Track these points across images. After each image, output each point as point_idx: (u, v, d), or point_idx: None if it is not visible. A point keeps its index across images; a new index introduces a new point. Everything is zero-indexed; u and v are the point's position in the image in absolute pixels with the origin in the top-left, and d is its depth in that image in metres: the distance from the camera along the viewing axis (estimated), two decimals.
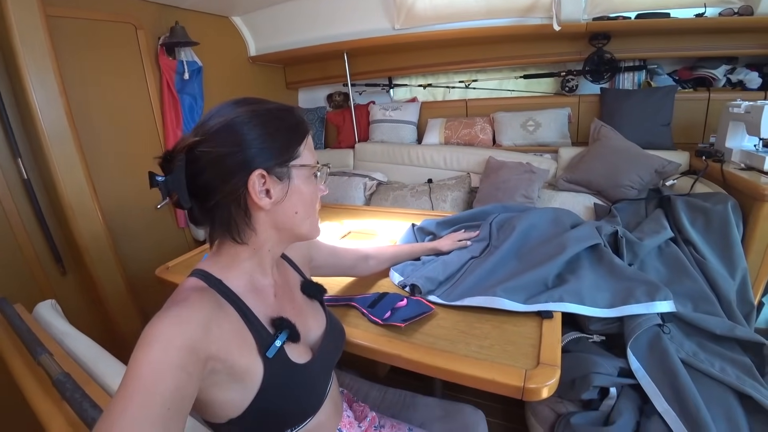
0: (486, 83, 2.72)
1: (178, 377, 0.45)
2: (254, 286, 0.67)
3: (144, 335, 0.47)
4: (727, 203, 1.36)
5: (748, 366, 1.01)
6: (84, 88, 1.67)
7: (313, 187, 0.67)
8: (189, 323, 0.50)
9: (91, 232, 1.58)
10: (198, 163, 0.58)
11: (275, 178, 0.61)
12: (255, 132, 0.59)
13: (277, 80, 3.08)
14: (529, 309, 0.89)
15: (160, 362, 0.45)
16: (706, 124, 2.07)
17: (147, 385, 0.43)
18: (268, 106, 0.63)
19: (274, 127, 0.61)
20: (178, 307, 0.52)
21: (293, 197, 0.64)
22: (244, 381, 0.58)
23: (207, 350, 0.51)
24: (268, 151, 0.60)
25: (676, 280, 1.23)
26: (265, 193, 0.61)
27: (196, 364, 0.48)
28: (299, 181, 0.64)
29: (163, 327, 0.48)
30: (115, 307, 1.70)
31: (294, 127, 0.64)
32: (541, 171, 2.05)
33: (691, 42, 2.04)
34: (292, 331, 0.65)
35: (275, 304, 0.69)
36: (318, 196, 0.69)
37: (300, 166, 0.64)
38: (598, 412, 1.00)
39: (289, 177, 0.63)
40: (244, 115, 0.60)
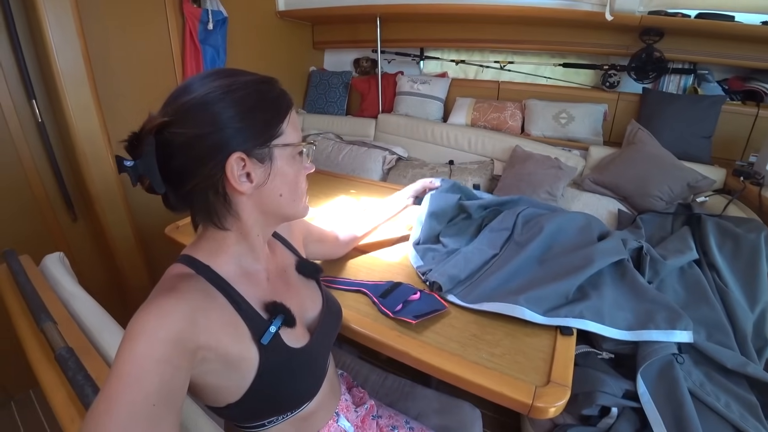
0: (522, 66, 2.58)
1: (164, 371, 0.44)
2: (245, 271, 0.64)
3: (129, 328, 0.46)
4: (761, 233, 1.31)
5: (754, 405, 0.99)
6: (103, 31, 1.60)
7: (298, 167, 0.63)
8: (173, 315, 0.48)
9: (103, 180, 1.56)
10: (169, 147, 0.52)
11: (255, 161, 0.56)
12: (231, 110, 0.53)
13: (303, 38, 2.96)
14: (549, 322, 0.87)
15: (144, 358, 0.44)
16: (749, 142, 1.96)
17: (131, 382, 0.42)
18: (244, 78, 0.56)
19: (252, 102, 0.55)
20: (163, 298, 0.50)
21: (276, 179, 0.59)
22: (239, 368, 0.57)
23: (195, 341, 0.49)
24: (246, 131, 0.55)
25: (693, 305, 1.19)
26: (245, 177, 0.56)
27: (183, 355, 0.47)
28: (282, 162, 0.59)
29: (147, 320, 0.47)
30: (124, 259, 1.71)
31: (275, 101, 0.58)
32: (569, 168, 1.98)
33: (751, 51, 1.90)
34: (287, 315, 0.63)
35: (268, 288, 0.67)
36: (304, 175, 0.65)
37: (283, 146, 0.59)
38: (596, 428, 1.00)
39: (271, 158, 0.58)
40: (218, 90, 0.53)
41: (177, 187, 0.56)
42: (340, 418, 0.81)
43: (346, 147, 2.54)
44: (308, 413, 0.72)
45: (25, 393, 1.62)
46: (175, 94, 0.55)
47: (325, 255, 1.05)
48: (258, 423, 0.66)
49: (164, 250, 1.64)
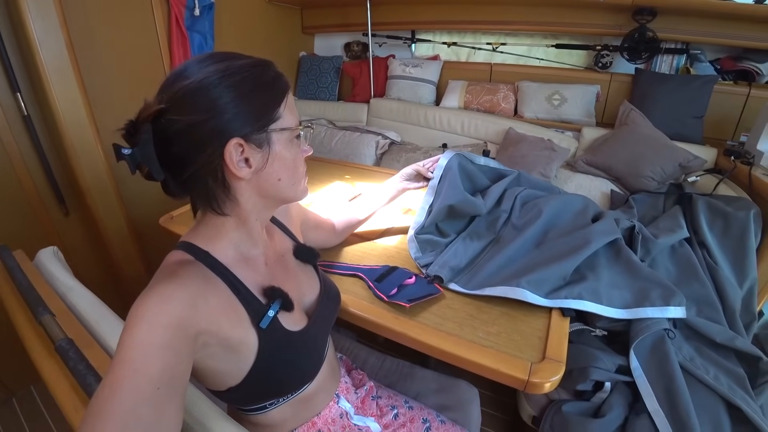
0: (514, 48, 2.56)
1: (166, 357, 0.45)
2: (243, 256, 0.64)
3: (131, 315, 0.47)
4: (750, 211, 1.33)
5: (742, 377, 1.02)
6: (86, 19, 1.55)
7: (296, 151, 0.62)
8: (174, 300, 0.49)
9: (94, 172, 1.53)
10: (166, 134, 0.52)
11: (254, 146, 0.56)
12: (228, 94, 0.53)
13: (293, 23, 2.90)
14: (550, 304, 0.88)
15: (146, 343, 0.44)
16: (740, 121, 1.97)
17: (134, 368, 0.43)
18: (239, 62, 0.55)
19: (249, 86, 0.54)
20: (163, 284, 0.50)
21: (275, 164, 0.59)
22: (239, 352, 0.58)
23: (196, 326, 0.50)
24: (243, 116, 0.54)
25: (684, 282, 1.22)
26: (244, 162, 0.56)
27: (185, 340, 0.48)
28: (280, 146, 0.59)
29: (149, 306, 0.47)
30: (118, 251, 1.69)
31: (271, 84, 0.57)
32: (562, 150, 1.98)
33: (743, 30, 1.89)
34: (285, 299, 0.64)
35: (266, 272, 0.68)
36: (302, 158, 0.65)
37: (280, 130, 0.58)
38: (590, 403, 1.03)
39: (269, 143, 0.57)
40: (213, 75, 0.52)
41: (176, 173, 0.55)
42: (341, 399, 0.83)
43: (338, 133, 2.52)
44: (308, 395, 0.74)
45: (26, 389, 1.62)
46: (171, 80, 0.54)
47: (321, 243, 1.05)
48: (259, 405, 0.68)
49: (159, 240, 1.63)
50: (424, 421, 0.89)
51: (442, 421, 0.91)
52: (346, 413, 0.83)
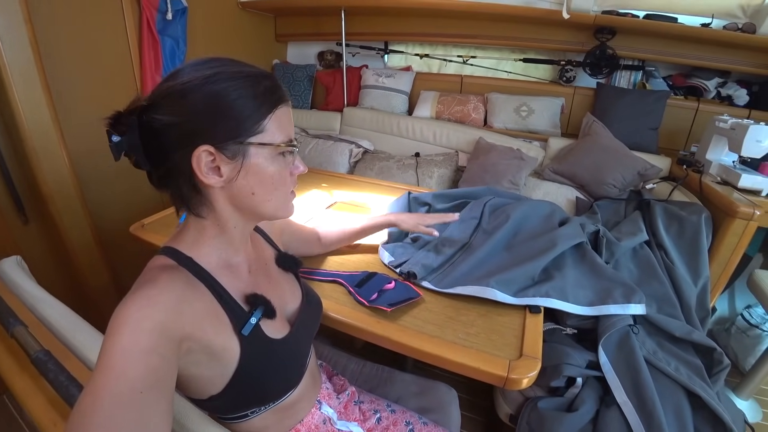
0: (484, 61, 2.66)
1: (150, 360, 0.44)
2: (226, 263, 0.64)
3: (113, 320, 0.46)
4: (701, 215, 1.44)
5: (699, 367, 1.10)
6: (52, 18, 1.49)
7: (278, 167, 0.59)
8: (158, 305, 0.48)
9: (57, 178, 1.46)
10: (147, 129, 0.53)
11: (226, 156, 0.54)
12: (208, 101, 0.52)
13: (266, 30, 2.89)
14: (519, 302, 0.93)
15: (129, 348, 0.43)
16: (690, 133, 2.14)
17: (116, 373, 0.42)
18: (234, 69, 0.55)
19: (232, 96, 0.53)
20: (147, 289, 0.49)
21: (249, 177, 0.57)
22: (221, 359, 0.57)
23: (180, 331, 0.49)
24: (219, 125, 0.53)
25: (645, 282, 1.30)
26: (214, 171, 0.55)
27: (170, 345, 0.47)
28: (258, 160, 0.57)
29: (132, 310, 0.46)
30: (83, 260, 1.61)
31: (258, 97, 0.55)
32: (530, 159, 2.07)
33: (692, 50, 2.07)
34: (267, 307, 0.64)
35: (249, 280, 0.68)
36: (287, 176, 0.62)
37: (259, 144, 0.56)
38: (564, 398, 1.08)
39: (244, 155, 0.55)
40: (199, 79, 0.52)
41: (156, 167, 0.56)
42: (323, 405, 0.83)
43: (312, 141, 2.52)
44: (291, 403, 0.73)
45: None
46: (166, 78, 0.55)
47: (304, 252, 1.05)
48: (241, 414, 0.66)
49: (127, 249, 1.57)
50: (407, 424, 0.90)
51: (425, 423, 0.92)
52: (329, 419, 0.83)
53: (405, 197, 1.37)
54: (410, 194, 1.39)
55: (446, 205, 1.38)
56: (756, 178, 1.50)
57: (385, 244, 1.17)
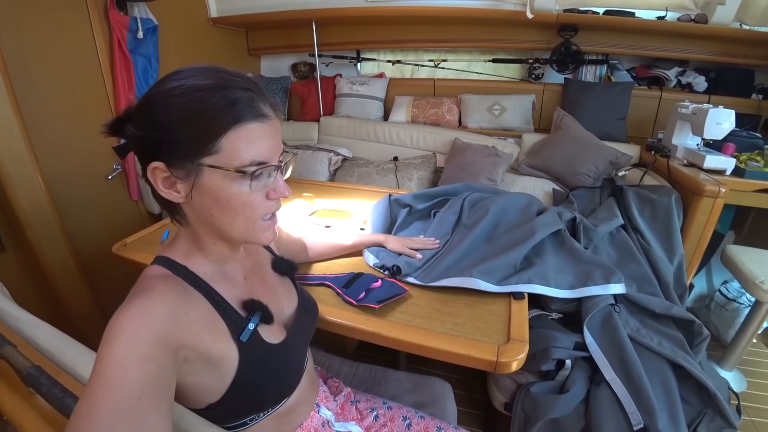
0: (455, 64, 2.72)
1: (147, 368, 0.43)
2: (221, 270, 0.65)
3: (108, 330, 0.45)
4: (671, 196, 1.50)
5: (681, 340, 1.15)
6: (20, 42, 1.46)
7: (239, 189, 0.54)
8: (155, 314, 0.48)
9: (33, 203, 1.42)
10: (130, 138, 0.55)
11: (179, 174, 0.52)
12: (167, 116, 0.50)
13: (238, 45, 2.90)
14: (502, 290, 0.95)
15: (125, 357, 0.43)
16: (656, 121, 2.24)
17: (113, 382, 0.41)
18: (200, 82, 0.51)
19: (187, 112, 0.50)
20: (143, 298, 0.49)
21: (204, 198, 0.54)
22: (219, 367, 0.57)
23: (177, 340, 0.49)
24: (173, 142, 0.51)
25: (624, 264, 1.35)
26: (171, 187, 0.54)
27: (166, 354, 0.47)
28: (213, 182, 0.53)
29: (128, 320, 0.46)
30: (64, 286, 1.57)
31: (213, 114, 0.50)
32: (506, 155, 2.12)
33: (651, 42, 2.17)
34: (265, 312, 0.64)
35: (245, 286, 0.68)
36: (256, 199, 0.56)
37: (210, 166, 0.52)
38: (555, 381, 1.10)
39: (196, 174, 0.52)
40: (163, 93, 0.51)
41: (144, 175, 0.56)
42: (321, 408, 0.83)
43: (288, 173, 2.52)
44: (289, 408, 0.73)
45: None
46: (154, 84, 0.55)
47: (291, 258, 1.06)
48: (239, 422, 0.66)
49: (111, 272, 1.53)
50: (404, 419, 0.90)
51: (422, 417, 0.92)
52: (327, 422, 0.82)
53: (386, 200, 1.39)
54: (391, 196, 1.41)
55: (426, 204, 1.40)
56: (719, 159, 1.57)
57: (369, 248, 1.17)
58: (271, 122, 0.56)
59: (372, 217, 1.33)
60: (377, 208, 1.36)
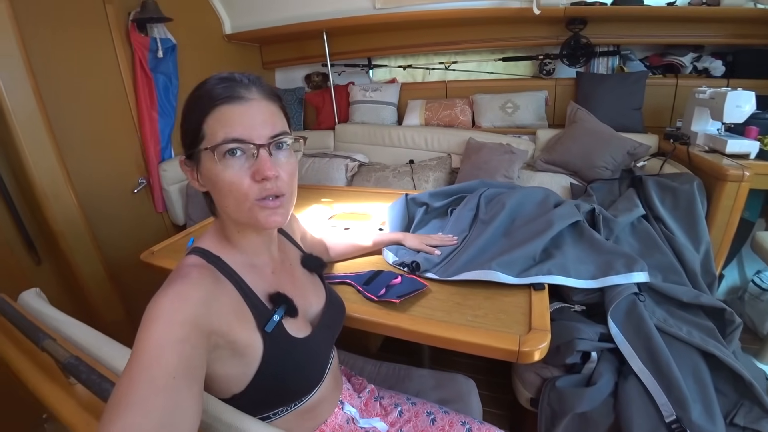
0: (465, 65, 2.73)
1: (182, 349, 0.47)
2: (251, 263, 0.68)
3: (147, 313, 0.48)
4: (693, 183, 1.47)
5: (711, 329, 1.11)
6: (51, 66, 1.57)
7: (220, 169, 0.57)
8: (190, 299, 0.51)
9: (66, 217, 1.51)
10: None
11: (190, 164, 0.62)
12: (183, 115, 0.61)
13: (253, 59, 2.99)
14: (522, 282, 0.94)
15: (162, 338, 0.46)
16: (674, 109, 2.19)
17: (150, 360, 0.44)
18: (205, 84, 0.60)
19: (186, 107, 0.60)
20: (179, 284, 0.52)
21: (206, 182, 0.61)
22: (245, 356, 0.59)
23: (209, 325, 0.52)
24: (183, 136, 0.61)
25: (647, 254, 1.32)
26: (191, 176, 0.63)
27: (200, 337, 0.50)
28: (206, 165, 0.59)
29: (165, 304, 0.49)
30: (97, 296, 1.64)
31: (196, 102, 0.59)
32: (520, 152, 2.11)
33: (662, 29, 2.13)
34: (290, 305, 0.66)
35: (273, 279, 0.70)
36: (241, 179, 0.58)
37: (205, 149, 0.58)
38: (581, 375, 1.08)
39: (197, 161, 0.60)
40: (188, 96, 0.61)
41: None
42: (345, 405, 0.84)
43: (308, 160, 2.57)
44: (313, 405, 0.74)
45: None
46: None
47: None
48: (263, 415, 0.67)
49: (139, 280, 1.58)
50: (428, 414, 0.90)
51: (446, 412, 0.92)
52: (352, 418, 0.83)
53: (402, 199, 1.40)
54: (407, 196, 1.42)
55: (443, 202, 1.41)
56: (743, 142, 1.53)
57: (388, 246, 1.18)
58: (249, 103, 0.58)
59: (389, 216, 1.34)
60: (394, 208, 1.37)
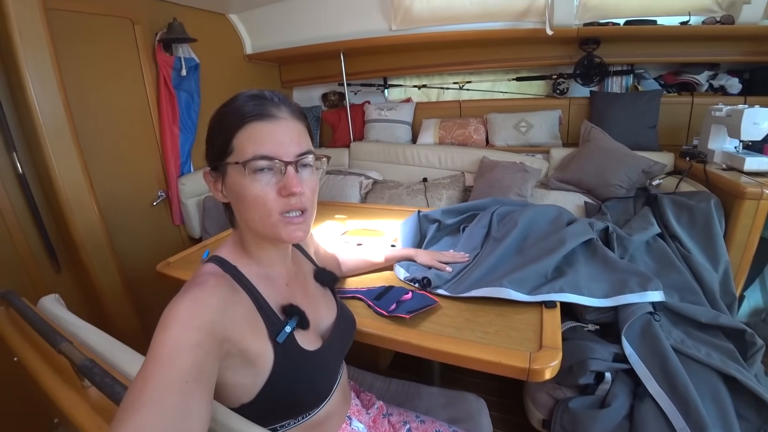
0: (479, 85, 2.77)
1: (197, 354, 0.48)
2: (266, 274, 0.69)
3: (163, 317, 0.50)
4: (710, 201, 1.44)
5: (732, 351, 1.08)
6: (81, 82, 1.66)
7: (248, 183, 0.60)
8: (206, 305, 0.53)
9: (88, 227, 1.57)
10: None
11: (217, 175, 0.65)
12: (209, 129, 0.64)
13: (272, 78, 3.10)
14: (534, 299, 0.94)
15: (178, 342, 0.48)
16: (690, 127, 2.16)
17: (165, 363, 0.46)
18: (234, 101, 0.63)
19: (214, 121, 0.64)
20: (196, 290, 0.54)
21: (230, 195, 0.64)
22: (255, 365, 0.60)
23: (223, 332, 0.53)
24: (210, 148, 0.65)
25: (663, 273, 1.29)
26: (216, 188, 0.66)
27: (213, 344, 0.51)
28: (232, 179, 0.62)
29: (182, 309, 0.51)
30: (113, 306, 1.68)
31: (225, 117, 0.62)
32: (534, 170, 2.11)
33: (676, 48, 2.13)
34: (302, 317, 0.67)
35: (286, 291, 0.72)
36: (267, 194, 0.60)
37: (231, 164, 0.61)
38: (594, 396, 1.05)
39: (223, 173, 0.63)
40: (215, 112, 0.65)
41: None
42: (353, 421, 0.83)
43: (323, 177, 2.62)
44: (320, 419, 0.74)
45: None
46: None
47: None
48: (271, 427, 0.67)
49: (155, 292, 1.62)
50: None
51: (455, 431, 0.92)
52: None
53: (415, 216, 1.41)
54: (420, 213, 1.43)
55: (455, 219, 1.41)
56: (762, 160, 1.50)
57: (400, 262, 1.19)
58: (279, 122, 0.61)
59: (402, 233, 1.35)
60: (407, 225, 1.38)
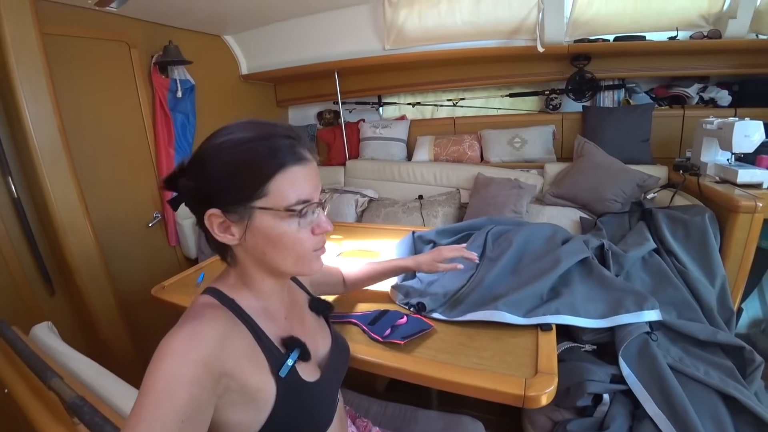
0: (473, 101, 2.81)
1: (193, 390, 0.46)
2: (265, 307, 0.67)
3: (159, 350, 0.49)
4: (705, 215, 1.44)
5: (731, 369, 1.06)
6: (77, 105, 1.67)
7: (288, 227, 0.60)
8: (204, 339, 0.51)
9: (83, 250, 1.56)
10: (183, 191, 0.61)
11: (233, 217, 0.58)
12: (220, 167, 0.57)
13: (268, 98, 3.13)
14: (529, 322, 0.93)
15: (174, 376, 0.46)
16: (682, 139, 2.19)
17: (161, 399, 0.44)
18: (245, 135, 0.58)
19: (237, 162, 0.57)
20: (193, 323, 0.53)
21: (257, 238, 0.59)
22: (257, 401, 0.58)
23: (221, 367, 0.51)
24: (226, 190, 0.57)
25: (660, 289, 1.29)
26: (226, 230, 0.59)
27: (211, 379, 0.49)
28: (264, 223, 0.58)
29: (178, 342, 0.50)
30: (108, 330, 1.67)
31: (260, 161, 0.57)
32: (529, 186, 2.12)
33: (666, 62, 2.17)
34: (303, 349, 0.65)
35: (285, 324, 0.70)
36: (304, 235, 0.62)
37: (260, 209, 0.58)
38: (593, 418, 1.04)
39: (249, 217, 0.58)
40: (216, 147, 0.58)
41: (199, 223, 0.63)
42: None
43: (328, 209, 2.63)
44: None
45: None
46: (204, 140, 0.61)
47: (325, 292, 1.07)
48: None
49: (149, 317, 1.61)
50: None
51: None
52: None
53: (409, 237, 1.41)
54: (414, 233, 1.43)
55: (449, 239, 1.41)
56: (754, 172, 1.50)
57: (396, 284, 1.19)
58: (310, 164, 0.62)
59: (397, 254, 1.35)
60: (401, 246, 1.38)
